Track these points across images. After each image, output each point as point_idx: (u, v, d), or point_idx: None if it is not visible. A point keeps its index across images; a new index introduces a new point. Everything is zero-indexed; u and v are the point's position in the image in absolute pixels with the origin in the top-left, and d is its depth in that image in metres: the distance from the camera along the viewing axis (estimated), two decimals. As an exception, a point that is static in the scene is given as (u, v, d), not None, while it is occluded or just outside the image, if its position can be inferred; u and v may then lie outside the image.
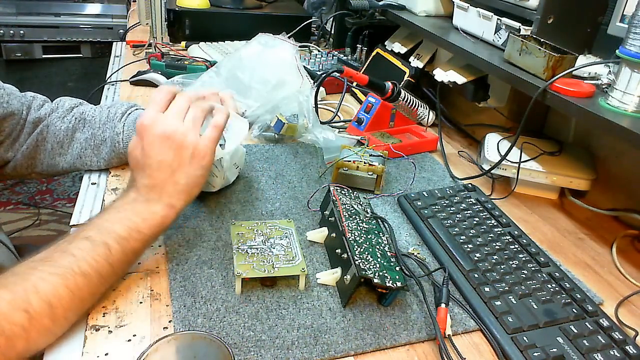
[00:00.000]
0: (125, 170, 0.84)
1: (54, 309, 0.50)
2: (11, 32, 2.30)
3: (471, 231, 0.74)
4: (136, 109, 0.83)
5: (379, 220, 0.72)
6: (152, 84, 1.19)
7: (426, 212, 0.78)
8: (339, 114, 1.11)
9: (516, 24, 0.88)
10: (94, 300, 0.56)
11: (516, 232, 0.75)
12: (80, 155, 0.80)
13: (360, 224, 0.68)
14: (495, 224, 0.76)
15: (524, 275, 0.66)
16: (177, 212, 0.61)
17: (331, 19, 1.60)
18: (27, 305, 0.48)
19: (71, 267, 0.52)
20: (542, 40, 0.82)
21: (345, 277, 0.61)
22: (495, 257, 0.69)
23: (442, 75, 1.04)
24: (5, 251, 0.80)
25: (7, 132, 0.77)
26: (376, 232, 0.68)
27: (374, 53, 1.27)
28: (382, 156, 0.88)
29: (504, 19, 0.91)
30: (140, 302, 0.58)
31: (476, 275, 0.65)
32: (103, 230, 0.56)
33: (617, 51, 0.69)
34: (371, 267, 0.59)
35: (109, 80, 1.24)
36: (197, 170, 0.62)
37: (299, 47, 1.09)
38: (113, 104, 0.83)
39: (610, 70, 0.80)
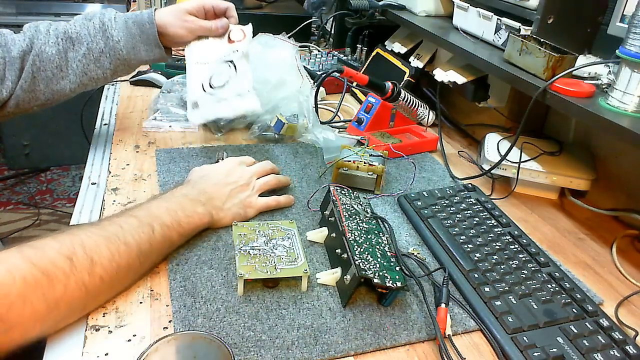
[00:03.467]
0: (125, 170, 0.84)
1: (94, 266, 0.53)
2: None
3: (471, 231, 0.74)
4: (117, 12, 0.84)
5: (379, 220, 0.72)
6: (152, 84, 1.19)
7: (426, 212, 0.78)
8: (339, 114, 1.11)
9: (516, 24, 0.88)
10: (128, 278, 0.58)
11: (516, 232, 0.75)
12: (84, 72, 0.82)
13: (360, 224, 0.68)
14: (495, 224, 0.76)
15: (524, 275, 0.66)
16: (210, 222, 0.69)
17: (331, 19, 1.60)
18: (71, 253, 0.52)
19: (116, 234, 0.57)
20: (542, 40, 0.82)
21: (345, 277, 0.61)
22: (495, 257, 0.69)
23: (442, 75, 1.04)
24: None
25: None
26: (376, 232, 0.68)
27: (374, 53, 1.27)
28: (382, 156, 0.88)
29: (504, 19, 0.91)
30: (140, 302, 0.58)
31: (476, 275, 0.65)
32: (151, 214, 0.62)
33: (617, 51, 0.69)
34: (371, 267, 0.59)
35: (109, 80, 1.24)
36: (239, 210, 0.72)
37: (299, 47, 1.09)
38: (86, 15, 0.85)
39: (610, 70, 0.80)
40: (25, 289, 0.47)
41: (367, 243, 0.64)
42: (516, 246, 0.72)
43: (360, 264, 0.59)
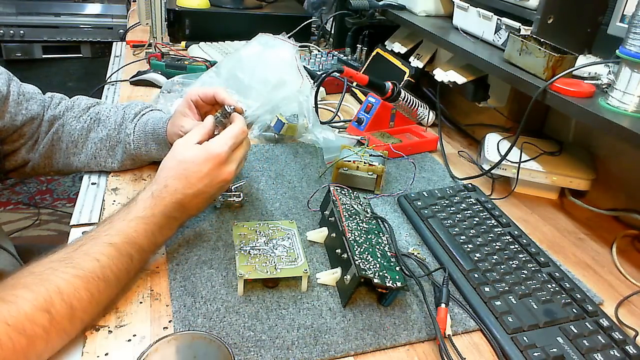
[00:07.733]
0: (124, 170, 0.83)
1: (74, 311, 0.50)
2: (11, 32, 2.30)
3: (471, 231, 0.74)
4: (151, 110, 0.82)
5: (379, 220, 0.72)
6: (152, 84, 1.19)
7: (426, 212, 0.78)
8: (339, 114, 1.11)
9: (516, 24, 0.88)
10: (108, 304, 0.56)
11: (516, 232, 0.75)
12: (94, 155, 0.80)
13: (360, 224, 0.68)
14: (495, 224, 0.76)
15: (524, 275, 0.66)
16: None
17: (331, 19, 1.60)
18: (49, 306, 0.48)
19: (94, 272, 0.53)
20: (542, 40, 0.82)
21: (345, 277, 0.61)
22: (495, 257, 0.69)
23: (442, 75, 1.04)
24: (8, 257, 0.79)
25: (29, 135, 0.78)
26: (376, 232, 0.68)
27: (374, 53, 1.27)
28: (382, 156, 0.88)
29: (504, 19, 0.91)
30: (140, 302, 0.58)
31: (476, 275, 0.65)
32: (129, 240, 0.57)
33: (617, 51, 0.69)
34: (371, 267, 0.59)
35: (109, 80, 1.24)
36: (214, 197, 0.66)
37: (299, 47, 1.09)
38: (129, 104, 0.83)
39: (610, 70, 0.80)
40: (2, 355, 0.44)
41: (367, 243, 0.64)
42: (516, 246, 0.72)
43: (360, 264, 0.59)
